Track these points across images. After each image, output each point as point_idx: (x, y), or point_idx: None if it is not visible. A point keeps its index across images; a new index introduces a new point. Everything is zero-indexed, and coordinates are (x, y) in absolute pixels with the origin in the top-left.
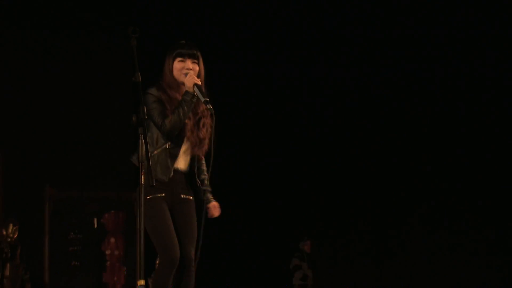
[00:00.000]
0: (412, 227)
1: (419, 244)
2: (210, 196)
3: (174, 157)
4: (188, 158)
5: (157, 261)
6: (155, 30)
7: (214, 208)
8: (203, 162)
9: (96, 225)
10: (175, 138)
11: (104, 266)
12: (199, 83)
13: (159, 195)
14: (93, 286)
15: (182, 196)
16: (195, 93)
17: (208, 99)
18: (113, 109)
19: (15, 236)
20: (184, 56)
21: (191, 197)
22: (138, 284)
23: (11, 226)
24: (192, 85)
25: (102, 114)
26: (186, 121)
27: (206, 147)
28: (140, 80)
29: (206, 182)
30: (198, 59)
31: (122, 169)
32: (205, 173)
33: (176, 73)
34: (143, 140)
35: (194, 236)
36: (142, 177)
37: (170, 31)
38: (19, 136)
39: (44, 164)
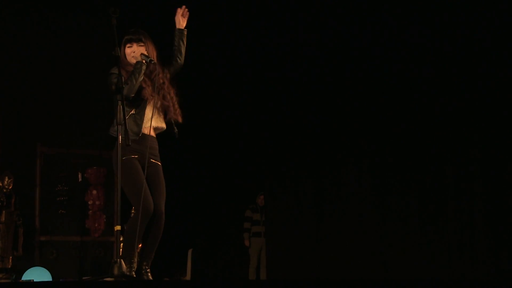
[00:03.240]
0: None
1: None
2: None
3: (140, 120)
4: (159, 122)
5: (132, 210)
6: (133, 11)
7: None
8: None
9: (80, 179)
10: (138, 105)
11: (87, 214)
12: (146, 53)
13: (132, 156)
14: (77, 231)
15: (152, 160)
16: (143, 60)
17: (152, 59)
18: (96, 79)
19: (10, 187)
20: (131, 41)
21: (159, 163)
22: (115, 229)
23: (6, 178)
24: (139, 55)
25: (87, 83)
26: (145, 86)
27: (178, 112)
28: (119, 54)
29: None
30: (144, 42)
31: (103, 131)
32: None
33: (128, 58)
34: (121, 106)
35: (163, 192)
36: (120, 137)
37: (147, 12)
38: (15, 100)
39: (36, 125)
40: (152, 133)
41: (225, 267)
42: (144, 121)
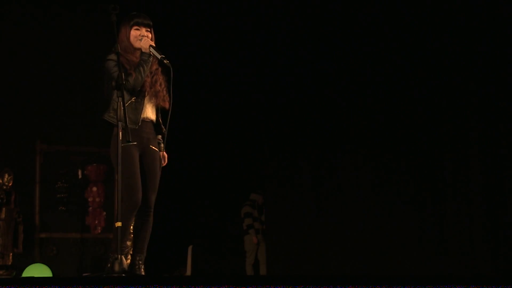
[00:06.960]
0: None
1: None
2: (161, 146)
3: (140, 109)
4: (154, 109)
5: None
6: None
7: (163, 157)
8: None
9: (80, 176)
10: (138, 93)
11: (87, 211)
12: (154, 45)
13: (131, 143)
14: (77, 228)
15: (151, 146)
16: (152, 53)
17: (164, 56)
18: (96, 76)
19: (10, 184)
20: (140, 25)
21: (157, 149)
22: (116, 225)
23: (6, 175)
24: (148, 47)
25: (87, 80)
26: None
27: (166, 98)
28: (119, 50)
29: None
30: (151, 27)
31: (103, 128)
32: (162, 125)
33: (132, 39)
34: (121, 102)
35: (156, 184)
36: (120, 133)
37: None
38: (14, 97)
39: (36, 123)
40: (151, 119)
41: (226, 263)
42: (143, 109)
